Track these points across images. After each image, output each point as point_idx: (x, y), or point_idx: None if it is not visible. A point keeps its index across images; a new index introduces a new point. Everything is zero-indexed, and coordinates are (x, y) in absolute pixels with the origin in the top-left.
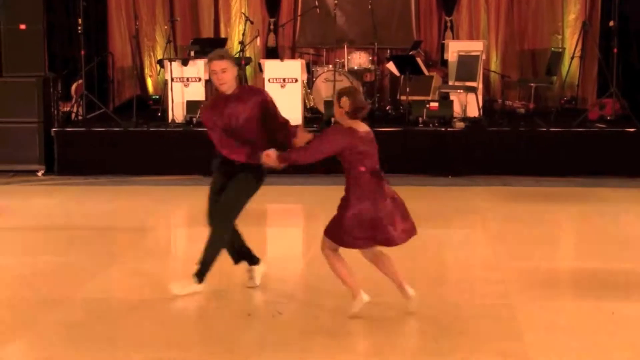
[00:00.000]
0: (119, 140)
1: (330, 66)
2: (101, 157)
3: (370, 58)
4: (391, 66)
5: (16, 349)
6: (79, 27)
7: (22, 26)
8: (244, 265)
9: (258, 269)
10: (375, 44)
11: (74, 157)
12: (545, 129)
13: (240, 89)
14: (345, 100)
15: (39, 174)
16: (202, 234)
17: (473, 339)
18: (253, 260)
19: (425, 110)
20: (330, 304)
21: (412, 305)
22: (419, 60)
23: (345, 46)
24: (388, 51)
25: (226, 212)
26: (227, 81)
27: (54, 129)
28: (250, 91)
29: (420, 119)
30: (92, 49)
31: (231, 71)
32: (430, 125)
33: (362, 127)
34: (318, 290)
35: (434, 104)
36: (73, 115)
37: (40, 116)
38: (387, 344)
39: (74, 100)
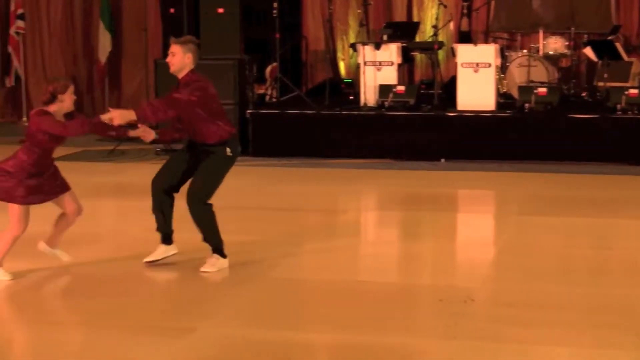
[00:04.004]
0: (311, 123)
1: (525, 51)
2: (294, 139)
3: (567, 43)
4: (588, 51)
5: (211, 324)
6: (274, 11)
7: (220, 10)
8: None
9: (165, 249)
10: (572, 28)
11: (268, 138)
12: None
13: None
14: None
15: None
16: (393, 218)
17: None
18: (167, 239)
19: (623, 97)
20: (523, 291)
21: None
22: (618, 45)
23: (541, 31)
24: (585, 36)
25: (199, 194)
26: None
27: (248, 111)
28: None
29: (618, 106)
30: (286, 32)
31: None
32: (629, 112)
33: None
34: (510, 277)
35: (634, 91)
36: (267, 97)
37: (236, 98)
38: (570, 335)
39: (268, 83)
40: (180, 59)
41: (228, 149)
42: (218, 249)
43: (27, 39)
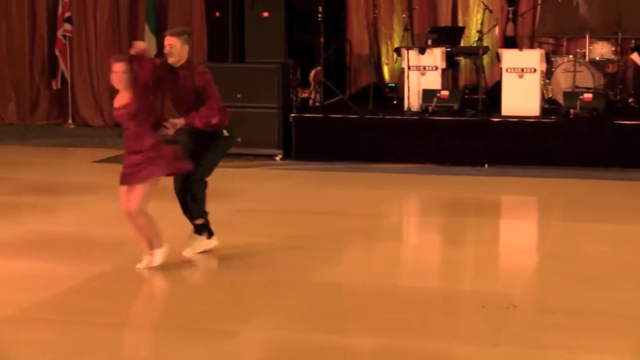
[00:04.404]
0: (355, 128)
1: (571, 56)
2: (337, 143)
3: (613, 48)
4: (635, 57)
5: (253, 327)
6: (319, 15)
7: (265, 14)
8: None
9: (207, 242)
10: (619, 33)
11: (310, 142)
12: None
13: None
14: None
15: (277, 158)
16: (435, 223)
17: None
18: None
19: None
20: (567, 298)
21: None
22: None
23: (587, 36)
24: (632, 41)
25: (199, 174)
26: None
27: (292, 115)
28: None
29: None
30: (331, 36)
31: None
32: None
33: None
34: (553, 283)
35: None
36: (311, 101)
37: (279, 102)
38: (615, 343)
39: (311, 87)
40: (179, 50)
41: (225, 131)
42: (205, 225)
43: (73, 42)
